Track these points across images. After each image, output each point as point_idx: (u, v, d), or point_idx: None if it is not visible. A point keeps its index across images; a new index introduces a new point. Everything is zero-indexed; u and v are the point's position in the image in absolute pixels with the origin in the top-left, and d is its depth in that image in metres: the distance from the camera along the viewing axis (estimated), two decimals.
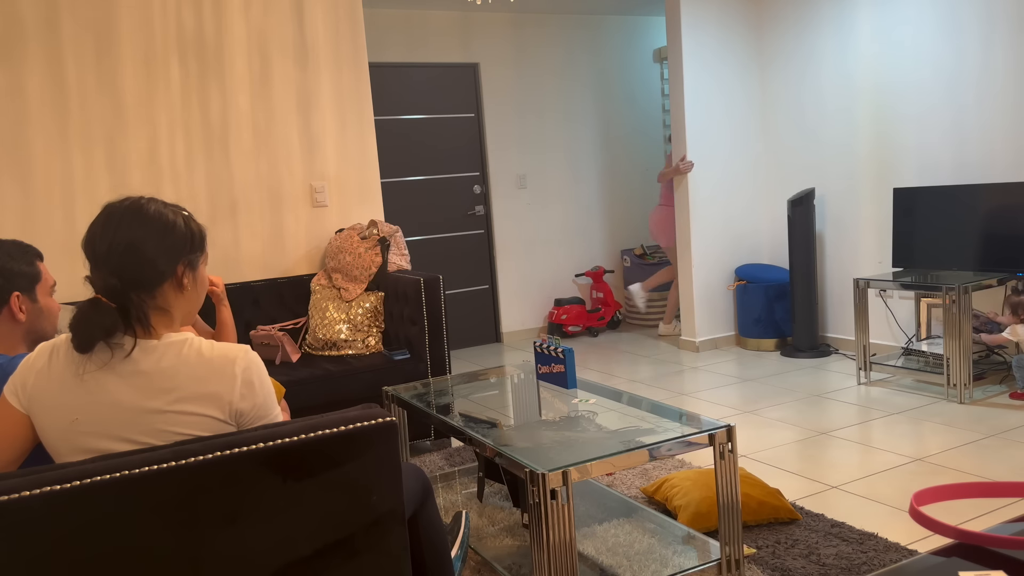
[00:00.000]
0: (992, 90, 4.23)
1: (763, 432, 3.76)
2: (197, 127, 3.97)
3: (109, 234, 1.44)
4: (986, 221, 4.17)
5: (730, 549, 2.26)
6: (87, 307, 1.41)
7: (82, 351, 1.40)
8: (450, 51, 6.05)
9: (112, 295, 1.42)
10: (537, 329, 6.51)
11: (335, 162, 4.29)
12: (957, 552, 0.98)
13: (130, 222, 1.45)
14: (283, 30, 4.13)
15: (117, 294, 1.43)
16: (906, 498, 2.92)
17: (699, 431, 2.22)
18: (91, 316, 1.40)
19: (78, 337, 1.40)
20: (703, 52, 5.40)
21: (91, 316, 1.40)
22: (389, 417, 1.43)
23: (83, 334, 1.39)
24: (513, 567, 2.51)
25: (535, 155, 6.39)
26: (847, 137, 5.04)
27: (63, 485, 1.20)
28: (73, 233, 3.75)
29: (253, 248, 4.12)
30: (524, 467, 2.02)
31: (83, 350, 1.40)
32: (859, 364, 4.45)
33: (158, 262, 1.46)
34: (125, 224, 1.45)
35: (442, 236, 6.19)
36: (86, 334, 1.39)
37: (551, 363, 2.89)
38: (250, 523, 1.32)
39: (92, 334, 1.39)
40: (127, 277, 1.43)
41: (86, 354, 1.41)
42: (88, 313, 1.40)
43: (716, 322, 5.63)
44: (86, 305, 1.41)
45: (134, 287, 1.43)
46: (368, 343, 3.88)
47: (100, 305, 1.41)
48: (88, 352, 1.40)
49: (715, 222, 5.53)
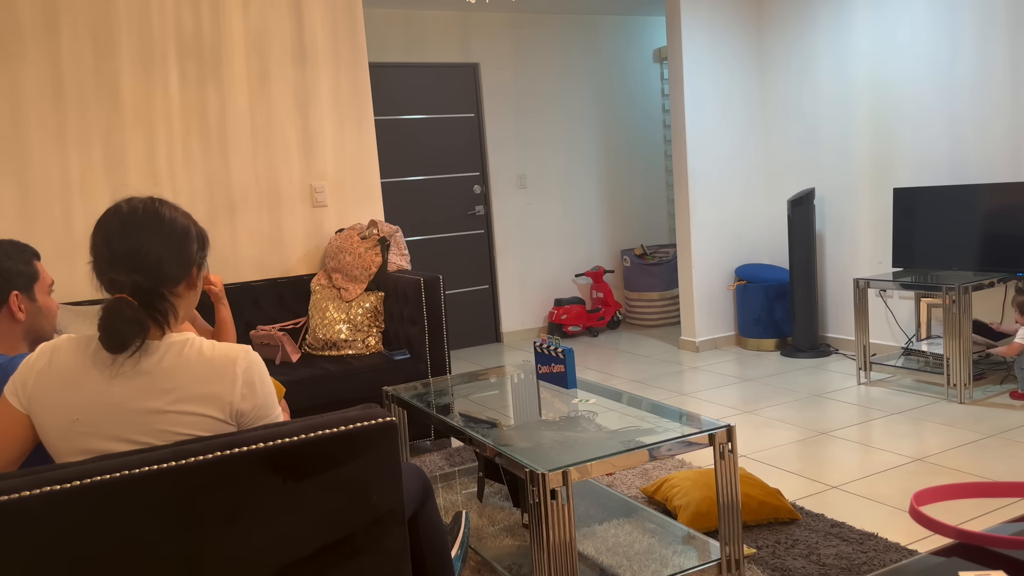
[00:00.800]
0: (991, 90, 4.23)
1: (763, 432, 3.76)
2: (196, 127, 3.97)
3: (133, 235, 1.44)
4: (986, 221, 4.17)
5: (730, 549, 2.26)
6: (118, 305, 1.39)
7: (116, 351, 1.39)
8: (450, 51, 6.05)
9: (139, 294, 1.43)
10: (537, 329, 6.51)
11: (335, 162, 4.29)
12: (957, 552, 0.98)
13: (151, 224, 1.46)
14: (282, 30, 4.13)
15: (144, 292, 1.43)
16: (906, 498, 2.92)
17: (699, 431, 2.22)
18: (125, 313, 1.39)
19: (111, 336, 1.38)
20: (703, 52, 5.40)
21: (125, 313, 1.39)
22: (389, 417, 1.43)
23: (118, 332, 1.38)
24: (513, 567, 2.51)
25: (535, 155, 6.39)
26: (847, 137, 5.04)
27: (63, 485, 1.20)
28: (71, 233, 3.75)
29: (253, 248, 4.12)
30: (524, 467, 2.02)
31: (118, 350, 1.39)
32: (859, 364, 4.45)
33: (177, 264, 1.48)
34: (147, 227, 1.45)
35: (442, 236, 6.19)
36: (122, 332, 1.38)
37: (551, 363, 2.89)
38: (250, 523, 1.31)
39: (129, 332, 1.39)
40: (155, 276, 1.44)
41: (117, 354, 1.39)
42: (121, 311, 1.39)
43: (716, 322, 5.63)
44: (117, 304, 1.40)
45: (162, 284, 1.45)
46: (368, 343, 3.88)
47: (130, 304, 1.41)
48: (123, 352, 1.39)
49: (715, 222, 5.53)
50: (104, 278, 1.44)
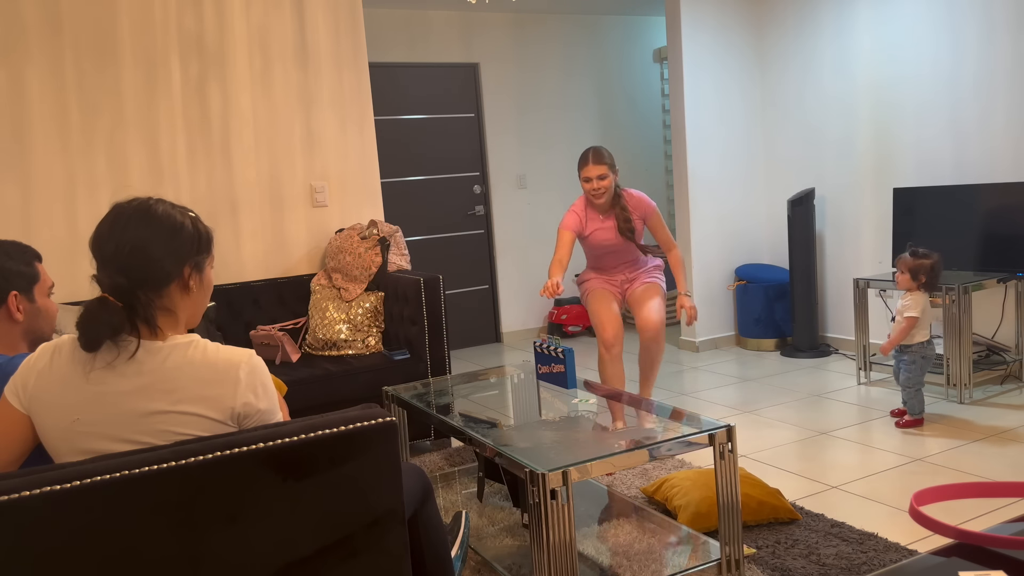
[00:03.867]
0: (991, 90, 4.23)
1: (763, 432, 3.76)
2: (197, 127, 3.97)
3: (117, 234, 1.44)
4: (986, 221, 4.17)
5: (730, 549, 2.26)
6: (94, 305, 1.40)
7: (89, 349, 1.39)
8: (450, 51, 6.05)
9: (119, 294, 1.42)
10: (537, 329, 6.51)
11: (335, 162, 4.29)
12: (957, 552, 0.98)
13: (138, 222, 1.45)
14: (283, 30, 4.13)
15: (124, 293, 1.42)
16: (906, 498, 2.92)
17: (699, 431, 2.22)
18: (98, 314, 1.39)
19: (85, 335, 1.39)
20: (703, 52, 5.40)
21: (98, 314, 1.39)
22: (389, 417, 1.43)
23: (90, 332, 1.39)
24: (513, 567, 2.51)
25: (535, 155, 6.39)
26: (847, 137, 5.04)
27: (63, 485, 1.20)
28: (73, 233, 3.75)
29: (253, 248, 4.12)
30: (524, 467, 2.02)
31: (90, 348, 1.39)
32: (859, 364, 4.45)
33: (165, 263, 1.45)
34: (133, 224, 1.44)
35: (442, 236, 6.19)
36: (93, 332, 1.39)
37: (551, 363, 2.89)
38: (250, 523, 1.32)
39: (99, 332, 1.39)
40: (134, 277, 1.43)
41: (92, 353, 1.40)
42: (96, 311, 1.39)
43: (716, 322, 5.63)
44: (94, 304, 1.41)
45: (141, 286, 1.43)
46: (368, 343, 3.88)
47: (107, 304, 1.40)
48: (95, 351, 1.40)
49: (715, 222, 5.53)
50: (96, 277, 1.45)
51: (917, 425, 3.63)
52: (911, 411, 3.65)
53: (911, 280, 3.64)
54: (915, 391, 3.63)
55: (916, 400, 3.64)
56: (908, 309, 3.61)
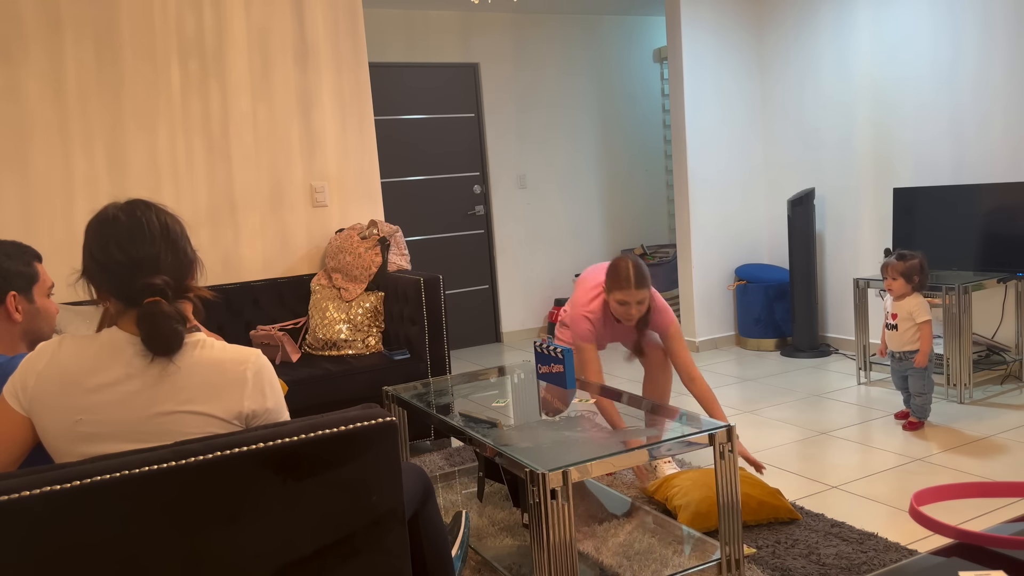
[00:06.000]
0: (991, 90, 4.23)
1: (763, 432, 3.76)
2: (197, 127, 3.97)
3: (148, 239, 1.44)
4: (986, 221, 4.17)
5: (730, 549, 2.26)
6: (158, 308, 1.40)
7: (169, 353, 1.40)
8: (450, 51, 6.05)
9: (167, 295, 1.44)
10: (537, 329, 6.51)
11: (335, 162, 4.29)
12: (957, 552, 0.98)
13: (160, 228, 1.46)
14: (283, 30, 4.13)
15: (175, 294, 1.45)
16: (906, 498, 2.92)
17: (699, 431, 2.22)
18: (170, 314, 1.40)
19: (161, 340, 1.39)
20: (703, 52, 5.40)
21: (170, 314, 1.40)
22: (389, 417, 1.43)
23: (165, 334, 1.39)
24: (513, 567, 2.51)
25: (535, 155, 6.39)
26: (847, 137, 5.04)
27: (63, 485, 1.20)
28: (73, 234, 3.75)
29: (253, 248, 4.12)
30: (524, 467, 2.02)
31: (170, 352, 1.40)
32: (859, 364, 4.45)
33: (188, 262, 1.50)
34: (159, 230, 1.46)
35: (442, 236, 6.19)
36: (168, 333, 1.39)
37: (551, 363, 2.89)
38: (250, 523, 1.31)
39: (175, 331, 1.40)
40: (179, 276, 1.47)
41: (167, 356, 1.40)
42: (167, 312, 1.40)
43: (716, 322, 5.63)
44: (155, 307, 1.40)
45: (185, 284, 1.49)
46: (368, 343, 3.88)
47: (165, 305, 1.41)
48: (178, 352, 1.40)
49: (715, 222, 5.53)
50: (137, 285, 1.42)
51: (919, 427, 3.64)
52: (921, 416, 3.64)
53: (905, 284, 3.63)
54: (926, 397, 3.63)
55: (928, 406, 3.64)
56: (918, 314, 3.61)
